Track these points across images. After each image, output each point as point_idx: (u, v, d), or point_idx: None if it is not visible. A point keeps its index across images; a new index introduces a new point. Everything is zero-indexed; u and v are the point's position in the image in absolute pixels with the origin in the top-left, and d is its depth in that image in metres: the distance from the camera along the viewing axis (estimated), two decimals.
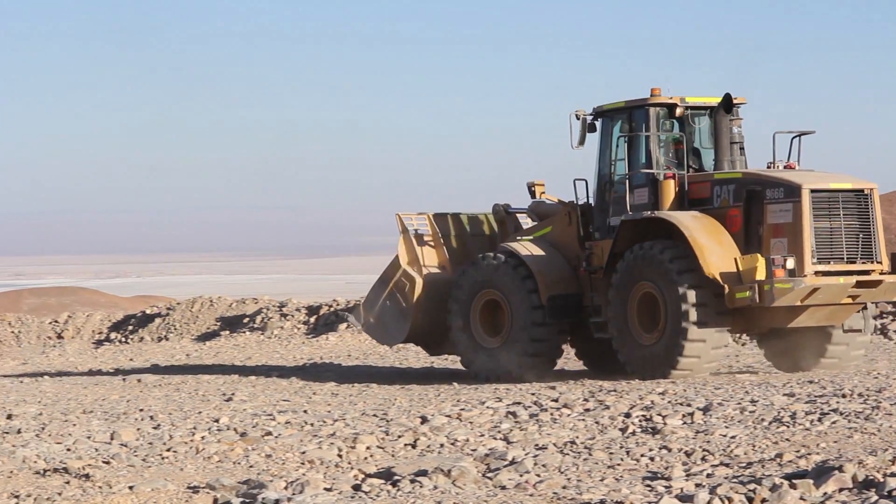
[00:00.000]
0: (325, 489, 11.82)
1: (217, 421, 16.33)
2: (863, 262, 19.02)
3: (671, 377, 19.09)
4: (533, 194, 21.76)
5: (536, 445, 13.77)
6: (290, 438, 14.61)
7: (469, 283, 21.21)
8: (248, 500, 11.24)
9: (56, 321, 37.78)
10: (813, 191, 18.76)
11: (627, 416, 15.22)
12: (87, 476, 12.46)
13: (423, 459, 13.16)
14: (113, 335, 36.58)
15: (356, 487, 11.92)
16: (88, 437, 15.22)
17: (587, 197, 21.00)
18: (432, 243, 22.25)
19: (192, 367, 26.66)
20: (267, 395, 19.75)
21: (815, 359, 20.09)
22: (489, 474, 12.24)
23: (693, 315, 18.83)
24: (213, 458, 13.73)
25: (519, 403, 16.80)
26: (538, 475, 12.14)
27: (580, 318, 20.81)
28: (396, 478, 12.03)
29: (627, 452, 13.13)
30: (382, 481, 12.04)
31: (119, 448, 14.39)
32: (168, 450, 14.13)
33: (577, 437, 14.10)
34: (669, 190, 19.72)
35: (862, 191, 19.08)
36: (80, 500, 11.49)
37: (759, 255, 18.68)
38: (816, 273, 18.71)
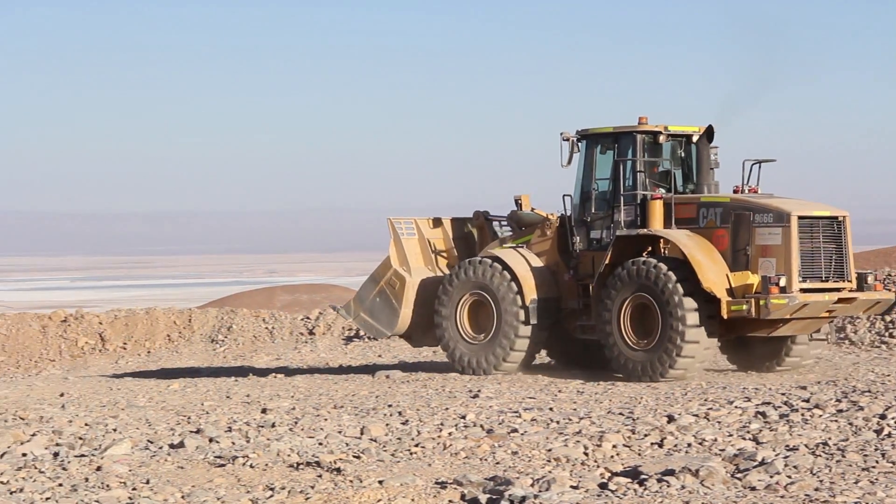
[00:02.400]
0: (572, 487, 11.81)
1: (464, 417, 16.47)
2: (835, 281, 21.17)
3: (668, 377, 21.00)
4: (519, 206, 23.89)
5: (787, 446, 13.48)
6: (535, 436, 14.63)
7: (458, 285, 23.40)
8: (494, 497, 11.30)
9: (308, 318, 38.65)
10: (800, 217, 20.86)
11: (882, 417, 14.78)
12: (338, 470, 12.70)
13: (670, 459, 13.04)
14: (362, 332, 37.20)
15: (602, 486, 11.87)
16: (339, 432, 15.53)
17: (566, 210, 22.98)
18: (420, 245, 24.35)
19: (438, 364, 26.95)
20: (512, 393, 19.83)
21: (776, 361, 22.38)
22: (738, 475, 12.05)
23: (690, 320, 20.82)
24: (461, 454, 13.85)
25: (769, 403, 16.48)
26: (789, 476, 11.89)
27: (558, 319, 23.01)
28: (643, 477, 11.94)
29: (883, 455, 12.75)
30: (629, 480, 11.96)
31: (369, 443, 14.64)
32: (416, 445, 14.31)
33: (830, 439, 13.76)
34: (657, 209, 21.71)
35: (837, 217, 21.21)
36: (331, 493, 11.72)
37: (749, 273, 20.83)
38: (801, 290, 20.77)
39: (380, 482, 12.04)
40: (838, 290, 21.06)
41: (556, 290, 22.96)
